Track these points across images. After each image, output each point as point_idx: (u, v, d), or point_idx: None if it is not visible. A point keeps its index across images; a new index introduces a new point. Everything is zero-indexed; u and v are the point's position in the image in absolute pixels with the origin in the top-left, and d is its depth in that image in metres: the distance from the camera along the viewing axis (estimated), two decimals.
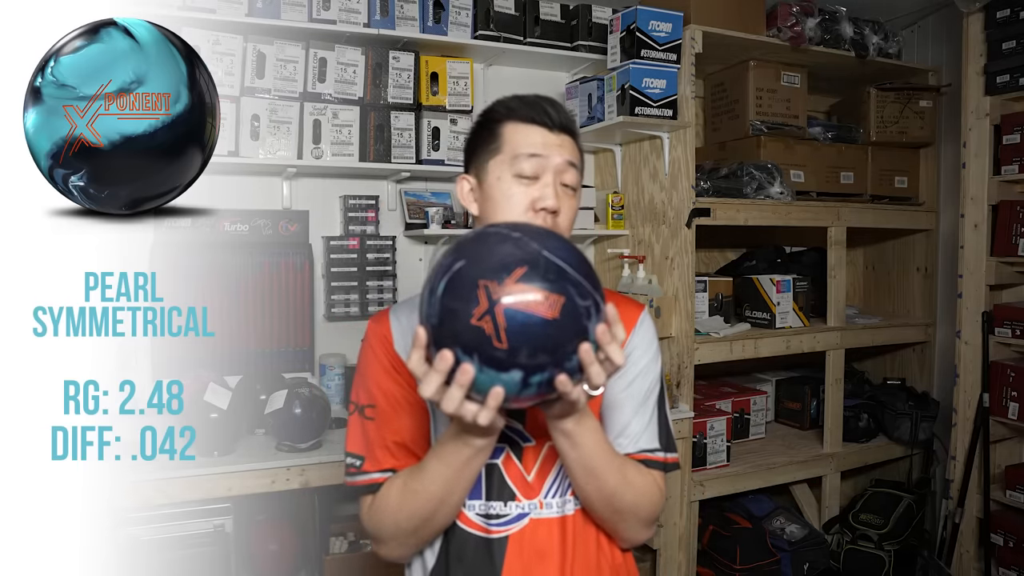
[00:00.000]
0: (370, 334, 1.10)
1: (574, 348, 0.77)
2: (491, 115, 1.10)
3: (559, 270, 0.79)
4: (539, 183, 1.04)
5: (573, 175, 1.06)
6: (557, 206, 1.03)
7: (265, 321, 2.22)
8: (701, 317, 2.61)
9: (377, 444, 1.05)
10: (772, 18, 2.58)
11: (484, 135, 1.09)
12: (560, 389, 0.78)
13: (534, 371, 0.76)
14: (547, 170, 1.04)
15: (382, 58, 2.31)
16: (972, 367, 2.62)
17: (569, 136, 1.07)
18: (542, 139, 1.05)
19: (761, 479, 2.60)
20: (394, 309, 1.12)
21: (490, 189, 1.06)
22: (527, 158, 1.04)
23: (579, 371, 0.79)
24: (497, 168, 1.06)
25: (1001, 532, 2.55)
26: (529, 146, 1.04)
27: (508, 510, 1.04)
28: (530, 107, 1.07)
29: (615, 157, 2.71)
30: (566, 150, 1.06)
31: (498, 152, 1.06)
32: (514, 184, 1.04)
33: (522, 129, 1.06)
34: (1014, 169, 2.53)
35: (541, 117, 1.05)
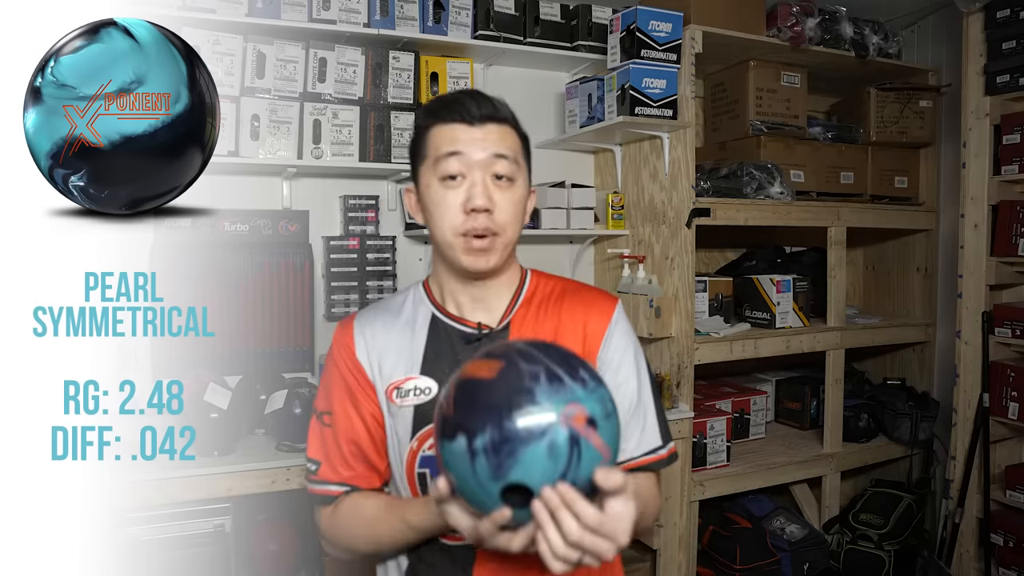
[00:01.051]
0: (334, 341, 1.10)
1: (514, 406, 0.75)
2: (419, 121, 1.07)
3: (510, 346, 0.83)
4: (466, 183, 0.99)
5: (505, 165, 1.01)
6: (487, 204, 0.98)
7: (265, 321, 2.21)
8: (701, 317, 2.61)
9: (333, 452, 1.07)
10: (772, 18, 2.57)
11: (414, 144, 1.06)
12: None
13: (474, 434, 0.75)
14: (472, 167, 0.99)
15: (382, 58, 2.31)
16: (972, 367, 2.62)
17: (496, 124, 1.02)
18: (463, 134, 1.00)
19: (761, 479, 2.60)
20: (359, 316, 1.11)
21: (424, 198, 1.04)
22: (447, 157, 0.99)
23: (522, 439, 0.74)
24: (426, 175, 1.03)
25: (1001, 532, 2.55)
26: (447, 144, 1.00)
27: None
28: (448, 106, 1.02)
29: (615, 157, 2.71)
30: (491, 141, 1.00)
31: (425, 158, 1.03)
32: (441, 188, 1.00)
33: (443, 130, 1.01)
34: (1014, 169, 2.52)
35: (459, 113, 1.00)
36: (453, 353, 1.05)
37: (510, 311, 1.08)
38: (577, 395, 0.77)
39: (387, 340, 1.07)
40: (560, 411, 0.75)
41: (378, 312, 1.12)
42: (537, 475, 0.74)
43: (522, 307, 1.09)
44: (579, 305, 1.09)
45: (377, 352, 1.07)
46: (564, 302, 1.10)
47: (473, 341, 1.05)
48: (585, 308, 1.09)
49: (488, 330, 1.06)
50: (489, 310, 1.08)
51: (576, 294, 1.12)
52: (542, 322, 1.07)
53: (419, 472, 1.04)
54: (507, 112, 1.04)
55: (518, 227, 1.04)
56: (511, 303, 1.09)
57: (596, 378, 0.81)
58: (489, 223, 0.99)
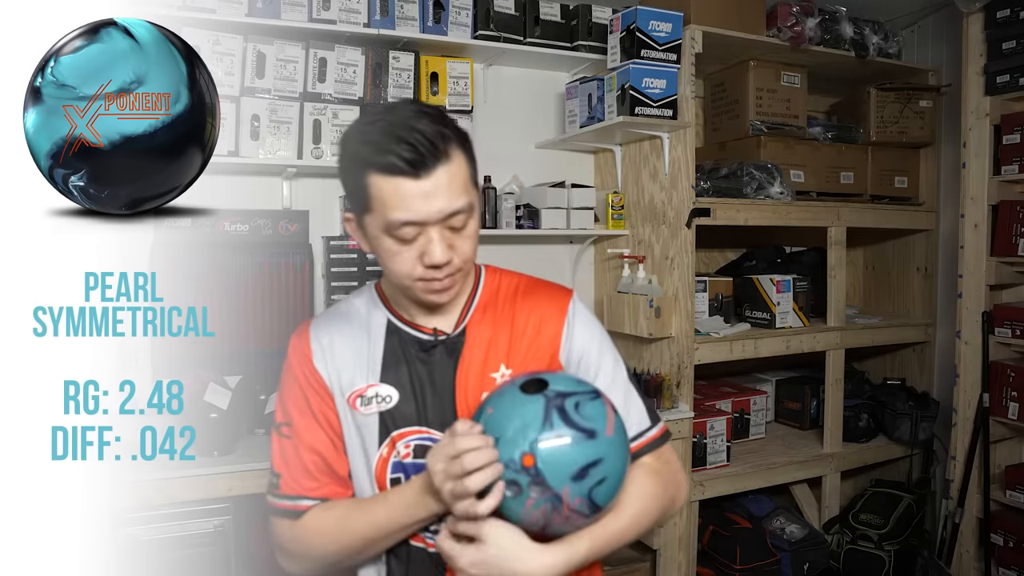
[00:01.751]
0: (291, 350, 1.08)
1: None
2: (348, 157, 0.96)
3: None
4: (422, 238, 0.93)
5: (460, 218, 0.94)
6: (445, 259, 0.94)
7: (265, 321, 2.21)
8: (701, 317, 2.61)
9: (295, 463, 1.04)
10: (772, 18, 2.57)
11: (349, 180, 0.96)
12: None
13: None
14: (427, 227, 0.93)
15: (382, 58, 2.31)
16: (972, 367, 2.62)
17: (443, 164, 0.91)
18: (412, 192, 0.90)
19: (761, 479, 2.60)
20: (314, 323, 1.09)
21: (372, 243, 0.98)
22: (400, 226, 0.92)
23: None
24: (373, 226, 0.95)
25: (1001, 532, 2.55)
26: (398, 211, 0.91)
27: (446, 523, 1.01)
28: (384, 153, 0.90)
29: (615, 157, 2.71)
30: (442, 196, 0.91)
31: (369, 210, 0.94)
32: (395, 244, 0.94)
33: (385, 185, 0.90)
34: (1014, 169, 2.53)
35: (398, 165, 0.89)
36: (410, 360, 1.04)
37: (465, 315, 1.06)
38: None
39: (344, 347, 1.05)
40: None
41: (333, 319, 1.09)
42: (561, 381, 0.93)
43: (477, 311, 1.07)
44: (534, 303, 1.07)
45: (335, 360, 1.04)
46: (518, 302, 1.08)
47: (429, 348, 1.04)
48: (539, 305, 1.07)
49: (444, 335, 1.04)
50: (444, 315, 1.06)
51: (530, 292, 1.10)
52: (498, 324, 1.05)
53: (392, 478, 1.03)
54: (444, 137, 0.92)
55: (475, 252, 1.00)
56: (466, 307, 1.07)
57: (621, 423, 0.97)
58: (449, 269, 0.96)
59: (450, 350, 1.04)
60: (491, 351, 1.04)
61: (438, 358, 1.04)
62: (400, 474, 1.02)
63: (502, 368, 1.03)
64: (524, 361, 1.04)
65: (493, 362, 1.03)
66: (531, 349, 1.05)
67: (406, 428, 1.02)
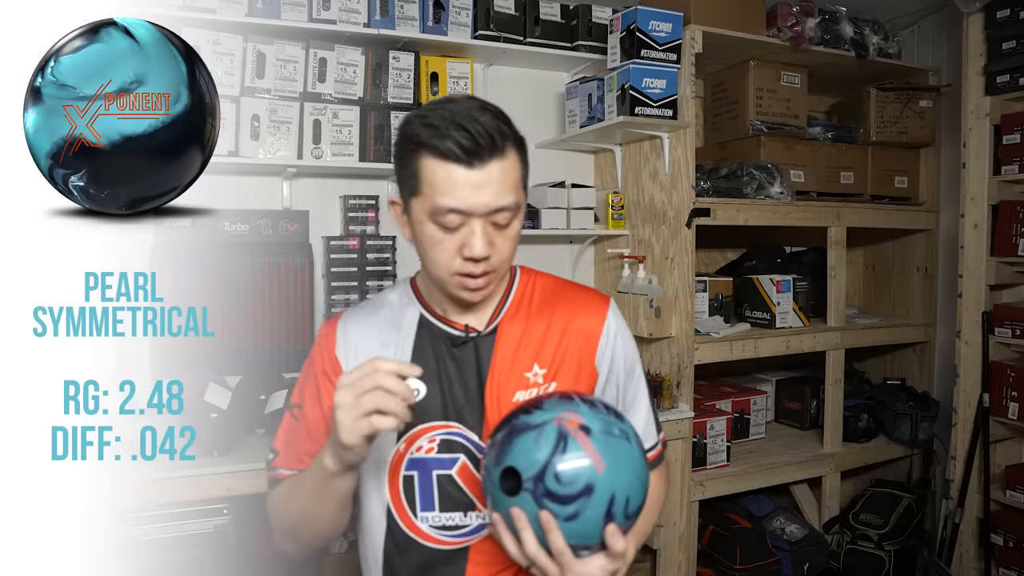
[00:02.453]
0: (318, 337, 1.11)
1: (524, 411, 0.90)
2: (405, 139, 0.96)
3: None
4: (465, 229, 0.94)
5: (505, 216, 0.94)
6: (486, 254, 0.94)
7: (265, 321, 2.21)
8: (701, 317, 2.61)
9: (295, 443, 1.07)
10: (772, 18, 2.57)
11: (402, 163, 0.97)
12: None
13: (495, 433, 0.92)
14: (471, 218, 0.93)
15: (382, 58, 2.31)
16: (972, 367, 2.62)
17: (498, 159, 0.92)
18: (463, 181, 0.91)
19: (761, 479, 2.60)
20: (345, 314, 1.11)
21: (416, 229, 0.98)
22: (446, 212, 0.92)
23: (519, 430, 0.88)
24: (419, 210, 0.96)
25: (1001, 532, 2.55)
26: (447, 196, 0.91)
27: (468, 520, 1.02)
28: (441, 137, 0.91)
29: (615, 157, 2.71)
30: (492, 190, 0.92)
31: (418, 193, 0.95)
32: (437, 231, 0.95)
33: (438, 170, 0.91)
34: (1014, 169, 2.53)
35: (455, 153, 0.90)
36: (439, 355, 1.04)
37: (498, 314, 1.07)
38: (580, 409, 0.88)
39: (371, 340, 1.06)
40: (557, 414, 0.87)
41: (365, 310, 1.11)
42: (523, 459, 0.85)
43: (511, 310, 1.07)
44: (571, 307, 1.08)
45: (358, 352, 1.05)
46: (555, 304, 1.08)
47: (460, 344, 1.04)
48: (577, 309, 1.08)
49: (476, 333, 1.05)
50: (477, 313, 1.07)
51: (566, 295, 1.10)
52: (531, 325, 1.06)
53: (405, 475, 1.03)
54: (505, 133, 0.94)
55: (514, 254, 1.01)
56: (499, 305, 1.08)
57: (613, 411, 0.91)
58: (487, 266, 0.96)
59: (481, 347, 1.04)
60: (523, 350, 1.04)
61: (468, 354, 1.04)
62: (414, 471, 1.03)
63: (535, 367, 1.04)
64: (558, 363, 1.04)
65: (526, 361, 1.04)
66: (566, 353, 1.05)
67: (432, 423, 1.02)
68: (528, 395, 1.02)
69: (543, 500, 0.84)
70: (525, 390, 1.02)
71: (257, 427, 2.07)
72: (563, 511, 0.84)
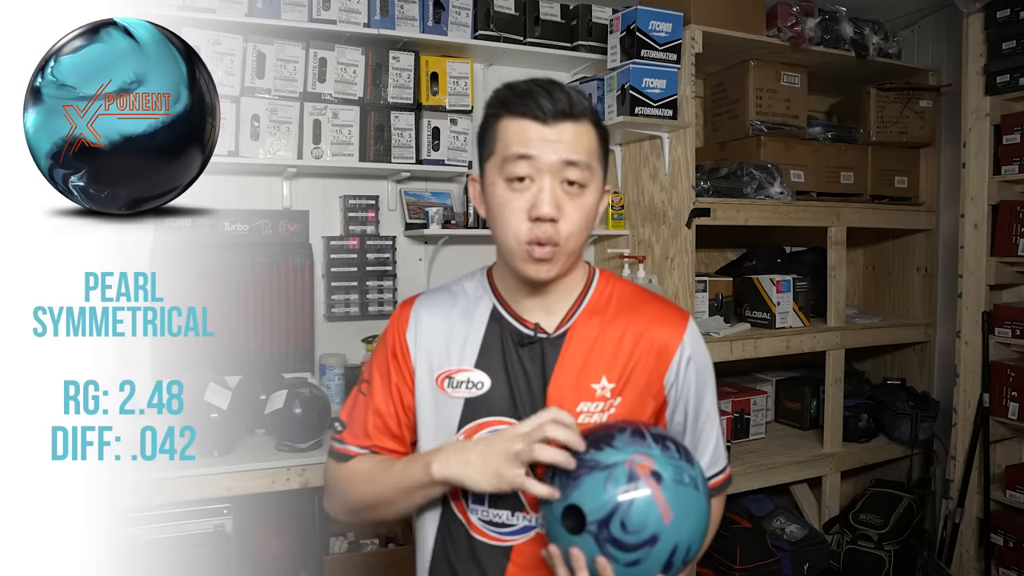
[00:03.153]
0: (393, 316, 1.11)
1: (594, 445, 0.88)
2: (487, 110, 1.00)
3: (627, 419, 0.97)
4: (534, 187, 0.93)
5: (576, 172, 0.93)
6: (553, 214, 0.92)
7: (265, 321, 2.21)
8: (701, 317, 2.61)
9: (359, 418, 1.08)
10: (772, 18, 2.57)
11: (482, 134, 1.00)
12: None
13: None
14: (541, 172, 0.93)
15: (382, 58, 2.31)
16: (972, 367, 2.62)
17: (572, 123, 0.94)
18: (535, 135, 0.93)
19: (761, 479, 2.60)
20: (420, 298, 1.11)
21: (488, 195, 0.98)
22: (515, 160, 0.93)
23: (588, 467, 0.87)
24: (491, 172, 0.97)
25: (1001, 532, 2.55)
26: (518, 145, 0.93)
27: (515, 520, 1.01)
28: (520, 97, 0.94)
29: (615, 157, 2.71)
30: (563, 145, 0.93)
31: (492, 153, 0.97)
32: (507, 190, 0.94)
33: (513, 125, 0.94)
34: (1014, 169, 2.53)
35: (532, 109, 0.93)
36: (507, 350, 1.02)
37: (570, 317, 1.04)
38: (652, 452, 0.86)
39: (442, 327, 1.05)
40: (630, 456, 0.85)
41: (440, 296, 1.10)
42: (590, 500, 0.83)
43: (584, 314, 1.04)
44: (648, 319, 1.05)
45: (428, 338, 1.05)
46: (633, 314, 1.05)
47: (527, 343, 1.02)
48: (654, 322, 1.05)
49: (545, 334, 1.03)
50: (549, 312, 1.04)
51: (645, 306, 1.07)
52: (605, 333, 1.03)
53: None
54: (584, 107, 0.96)
55: (585, 235, 0.99)
56: (573, 308, 1.04)
57: (685, 452, 0.89)
58: (553, 233, 0.93)
59: (548, 350, 1.02)
60: (592, 360, 1.02)
61: (535, 355, 1.02)
62: None
63: (604, 380, 1.01)
64: (627, 377, 1.02)
65: (594, 373, 1.01)
66: (636, 367, 1.02)
67: (494, 416, 1.01)
68: (594, 407, 1.00)
69: (605, 545, 0.83)
70: (591, 401, 1.00)
71: (257, 427, 2.07)
72: (624, 558, 0.83)
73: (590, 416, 1.00)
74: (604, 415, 1.00)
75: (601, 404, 1.00)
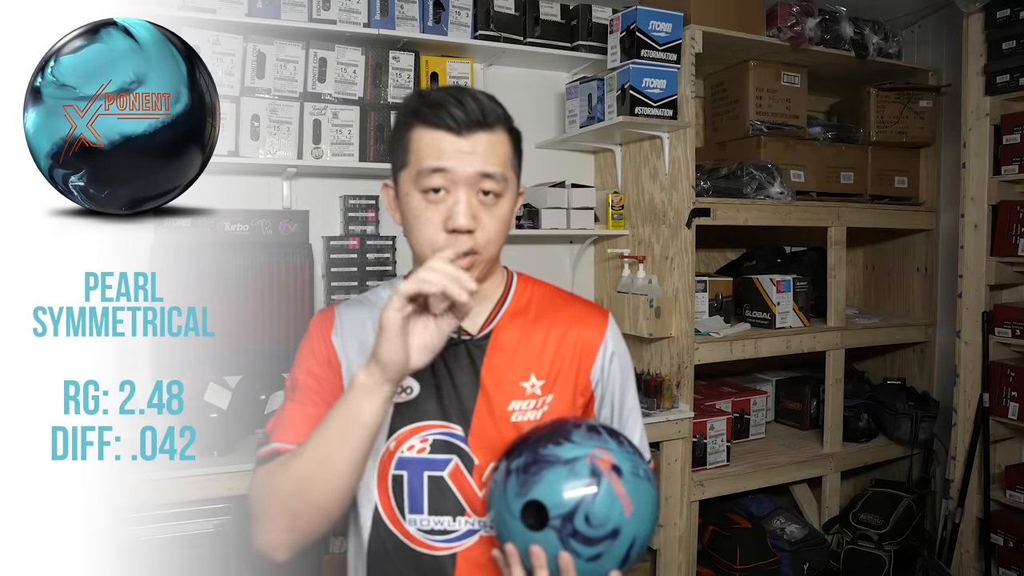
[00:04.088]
0: (312, 325, 1.07)
1: (552, 440, 0.88)
2: (399, 117, 0.98)
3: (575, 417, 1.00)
4: (450, 199, 0.93)
5: (492, 183, 0.93)
6: (470, 225, 0.92)
7: (265, 321, 2.21)
8: (701, 317, 2.61)
9: (287, 422, 1.00)
10: (772, 18, 2.58)
11: (395, 141, 0.99)
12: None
13: (512, 459, 0.89)
14: (456, 184, 0.92)
15: (382, 58, 2.31)
16: (972, 367, 2.62)
17: (486, 132, 0.93)
18: (450, 146, 0.92)
19: (761, 479, 2.60)
20: (341, 305, 1.09)
21: (403, 204, 0.97)
22: (430, 173, 0.92)
23: (548, 462, 0.86)
24: (406, 183, 0.95)
25: (1001, 532, 2.55)
26: (432, 158, 0.92)
27: (457, 526, 0.99)
28: (433, 108, 0.92)
29: (615, 157, 2.71)
30: (479, 156, 0.92)
31: (406, 164, 0.95)
32: (422, 201, 0.93)
33: (426, 136, 0.93)
34: (1014, 169, 2.53)
35: (445, 120, 0.91)
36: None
37: (492, 319, 1.05)
38: (609, 446, 0.87)
39: (366, 335, 1.03)
40: (589, 450, 0.86)
41: (360, 305, 1.09)
42: (552, 495, 0.83)
43: (506, 316, 1.05)
44: (569, 318, 1.07)
45: (354, 342, 1.03)
46: (554, 314, 1.07)
47: (451, 345, 1.01)
48: (576, 321, 1.06)
49: (468, 336, 1.03)
50: (471, 316, 1.02)
51: (565, 306, 1.09)
52: (529, 334, 1.04)
53: (394, 474, 1.00)
54: (496, 115, 0.95)
55: (502, 241, 0.99)
56: (494, 310, 1.05)
57: (637, 450, 0.90)
58: (471, 243, 0.93)
59: (473, 352, 1.02)
60: (519, 359, 1.02)
61: (462, 357, 1.02)
62: (404, 471, 1.00)
63: (532, 378, 1.02)
64: (555, 375, 1.03)
65: (521, 371, 1.02)
66: (563, 365, 1.04)
67: (426, 422, 1.00)
68: (526, 404, 1.01)
69: (568, 540, 0.83)
70: (522, 399, 1.01)
71: (257, 427, 2.06)
72: (587, 552, 0.83)
73: (523, 414, 1.00)
74: (537, 412, 1.01)
75: (533, 402, 1.01)
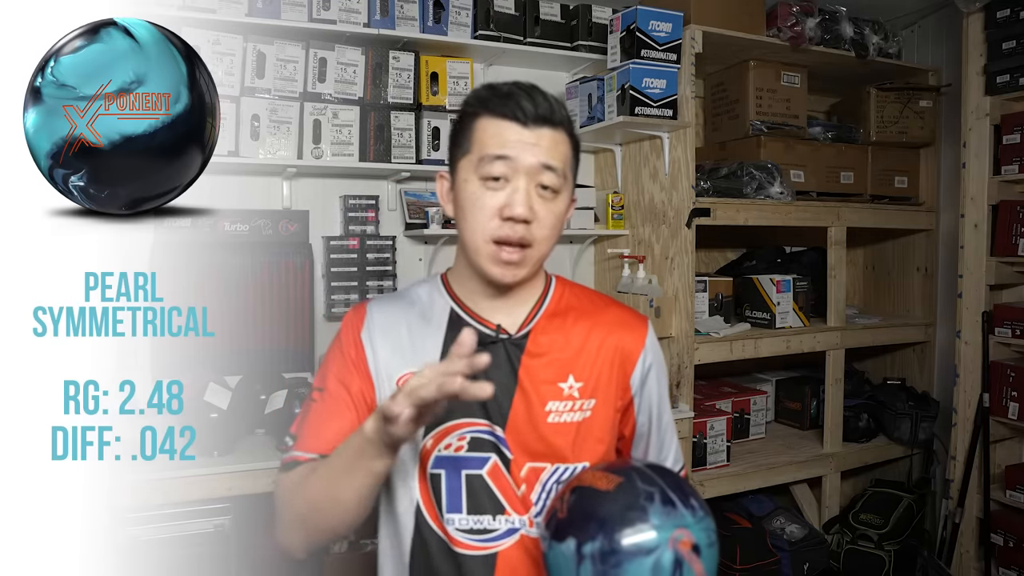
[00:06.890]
0: (344, 320, 1.08)
1: (628, 521, 0.83)
2: (465, 108, 1.00)
3: (629, 463, 0.94)
4: (508, 187, 0.93)
5: (552, 177, 0.95)
6: (527, 215, 0.93)
7: (265, 321, 2.21)
8: (701, 317, 2.61)
9: (312, 426, 1.02)
10: (772, 18, 2.57)
11: (458, 130, 1.00)
12: None
13: (585, 540, 0.83)
14: (517, 173, 0.93)
15: (382, 58, 2.31)
16: (972, 367, 2.62)
17: (551, 129, 0.95)
18: (514, 136, 0.93)
19: (761, 479, 2.60)
20: (374, 300, 1.09)
21: (459, 192, 0.98)
22: (492, 160, 0.93)
23: (630, 553, 0.82)
24: (465, 169, 0.97)
25: (1001, 532, 2.54)
26: (496, 146, 0.93)
27: (497, 524, 0.98)
28: (503, 99, 0.94)
29: (615, 157, 2.71)
30: (542, 149, 0.94)
31: (468, 152, 0.97)
32: (481, 188, 0.94)
33: (492, 125, 0.95)
34: (1014, 169, 2.52)
35: (513, 111, 0.93)
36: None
37: (531, 319, 1.04)
38: (687, 521, 0.85)
39: (400, 330, 1.03)
40: (670, 534, 0.83)
41: (394, 301, 1.08)
42: None
43: (544, 317, 1.04)
44: (610, 324, 1.06)
45: (385, 340, 1.03)
46: (594, 318, 1.06)
47: (489, 343, 1.00)
48: (617, 329, 1.06)
49: (507, 335, 1.02)
50: (510, 314, 1.03)
51: (607, 310, 1.09)
52: (567, 336, 1.04)
53: (432, 473, 1.00)
54: (563, 115, 0.97)
55: (553, 242, 0.99)
56: (533, 311, 1.05)
57: (704, 507, 0.89)
58: (525, 234, 0.94)
59: (511, 351, 1.02)
60: (557, 360, 1.02)
61: (499, 355, 1.01)
62: (442, 469, 0.99)
63: (571, 379, 1.02)
64: (595, 379, 1.03)
65: (560, 372, 1.02)
66: (603, 370, 1.04)
67: (463, 419, 0.99)
68: (563, 406, 1.00)
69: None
70: (559, 400, 1.00)
71: (257, 427, 2.07)
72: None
73: (560, 415, 1.00)
74: (575, 415, 1.01)
75: (570, 403, 1.01)
